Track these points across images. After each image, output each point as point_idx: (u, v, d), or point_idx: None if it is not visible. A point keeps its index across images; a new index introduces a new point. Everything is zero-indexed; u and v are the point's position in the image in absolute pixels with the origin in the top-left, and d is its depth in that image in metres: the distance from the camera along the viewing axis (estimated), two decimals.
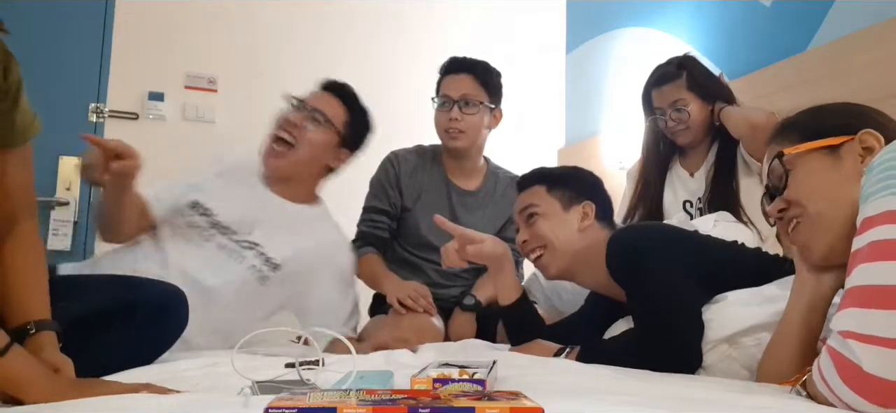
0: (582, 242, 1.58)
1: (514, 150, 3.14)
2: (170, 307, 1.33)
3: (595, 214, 1.61)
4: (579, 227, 1.59)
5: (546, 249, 1.60)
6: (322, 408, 0.66)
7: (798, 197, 1.04)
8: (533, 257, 1.64)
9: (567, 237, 1.58)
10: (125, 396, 0.89)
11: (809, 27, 2.20)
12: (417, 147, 2.39)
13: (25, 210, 1.13)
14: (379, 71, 3.26)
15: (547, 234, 1.59)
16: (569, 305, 2.31)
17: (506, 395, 0.72)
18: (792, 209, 1.06)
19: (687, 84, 2.07)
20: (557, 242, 1.58)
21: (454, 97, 2.23)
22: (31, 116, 1.11)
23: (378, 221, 2.28)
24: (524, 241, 1.64)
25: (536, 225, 1.61)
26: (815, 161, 1.04)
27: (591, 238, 1.58)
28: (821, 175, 1.03)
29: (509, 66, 2.44)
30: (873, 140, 1.00)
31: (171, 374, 1.12)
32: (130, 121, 2.97)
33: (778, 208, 1.08)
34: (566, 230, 1.59)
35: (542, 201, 1.62)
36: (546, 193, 1.63)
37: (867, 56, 1.93)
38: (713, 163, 2.09)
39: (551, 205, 1.61)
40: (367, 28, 3.27)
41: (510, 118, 2.42)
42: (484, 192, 2.34)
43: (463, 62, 2.28)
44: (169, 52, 3.00)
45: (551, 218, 1.60)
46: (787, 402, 0.92)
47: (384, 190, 2.30)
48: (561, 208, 1.61)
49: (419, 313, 2.03)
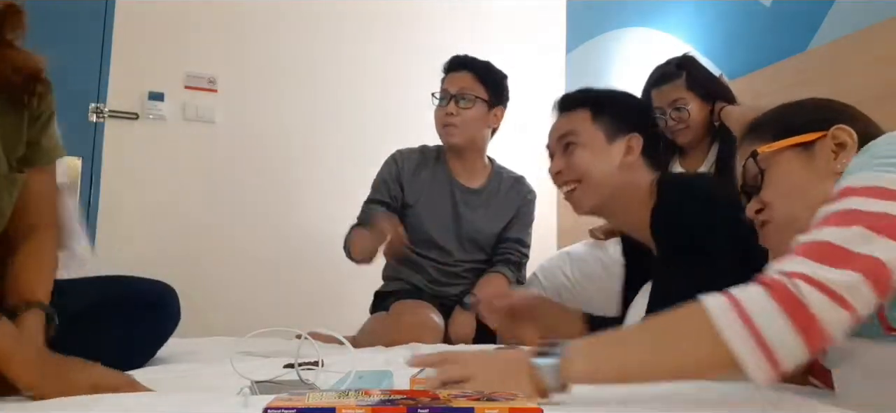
0: (621, 179, 1.43)
1: (514, 150, 3.14)
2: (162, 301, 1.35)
3: (641, 149, 1.45)
4: (621, 163, 1.43)
5: (581, 183, 1.45)
6: (321, 408, 0.66)
7: (772, 199, 1.02)
8: (564, 190, 1.50)
9: (606, 172, 1.43)
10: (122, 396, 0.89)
11: (809, 27, 2.20)
12: (422, 147, 2.40)
13: (45, 221, 1.22)
14: (378, 71, 3.26)
15: (585, 166, 1.44)
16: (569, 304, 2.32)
17: (505, 396, 0.72)
18: (764, 211, 1.03)
19: (687, 84, 2.08)
20: (594, 178, 1.43)
21: (451, 92, 2.25)
22: (58, 142, 1.24)
23: (374, 210, 2.25)
24: (558, 171, 1.49)
25: (574, 155, 1.45)
26: (789, 161, 1.01)
27: (633, 176, 1.43)
28: (794, 175, 1.00)
29: (509, 66, 2.44)
30: (845, 135, 0.97)
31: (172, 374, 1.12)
32: (130, 121, 2.97)
33: (755, 209, 1.04)
34: (606, 164, 1.43)
35: (584, 129, 1.46)
36: (590, 121, 1.46)
37: (867, 56, 1.93)
38: (713, 162, 2.09)
39: (594, 135, 1.45)
40: (367, 28, 3.27)
41: (510, 118, 2.42)
42: (487, 191, 2.34)
43: (463, 60, 2.31)
44: (169, 52, 3.00)
45: (592, 149, 1.44)
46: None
47: (386, 184, 2.29)
48: (604, 139, 1.44)
49: (419, 312, 2.02)
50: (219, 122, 3.04)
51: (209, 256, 2.95)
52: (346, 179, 3.00)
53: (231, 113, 3.05)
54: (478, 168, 2.35)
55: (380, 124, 3.20)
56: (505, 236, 2.33)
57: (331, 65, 3.20)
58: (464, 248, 2.29)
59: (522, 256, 2.33)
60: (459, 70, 2.29)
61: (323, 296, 3.02)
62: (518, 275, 2.31)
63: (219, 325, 2.54)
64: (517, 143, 3.25)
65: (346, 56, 3.22)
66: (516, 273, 2.30)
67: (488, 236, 2.32)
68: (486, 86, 2.27)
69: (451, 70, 2.31)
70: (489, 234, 2.31)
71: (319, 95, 3.17)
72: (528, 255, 2.36)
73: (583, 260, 2.35)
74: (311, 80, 3.17)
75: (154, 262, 2.80)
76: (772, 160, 1.02)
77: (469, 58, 2.31)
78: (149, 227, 2.88)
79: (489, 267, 2.30)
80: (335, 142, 3.17)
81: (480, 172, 2.36)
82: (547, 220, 3.42)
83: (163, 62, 2.97)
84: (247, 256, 3.01)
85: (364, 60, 3.24)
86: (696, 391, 1.04)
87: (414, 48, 3.29)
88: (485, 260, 2.32)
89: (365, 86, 3.24)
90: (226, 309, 2.88)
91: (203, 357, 1.39)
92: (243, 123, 3.07)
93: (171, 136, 2.92)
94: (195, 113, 3.01)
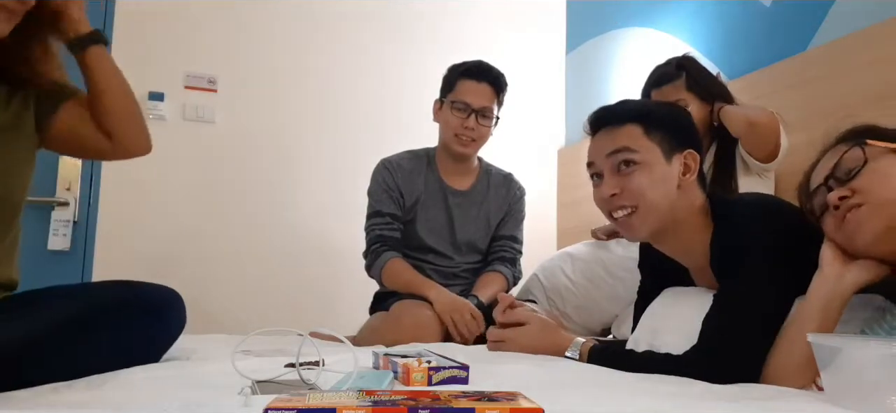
0: (679, 202, 1.30)
1: (514, 150, 3.14)
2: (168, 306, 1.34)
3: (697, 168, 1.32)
4: (680, 183, 1.30)
5: (638, 209, 1.30)
6: (321, 408, 0.66)
7: (869, 186, 1.07)
8: (620, 214, 1.33)
9: (665, 194, 1.29)
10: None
11: (809, 27, 2.20)
12: (408, 153, 2.38)
13: None
14: (378, 71, 3.26)
15: (645, 190, 1.28)
16: (570, 306, 2.32)
17: (506, 396, 0.73)
18: (854, 197, 1.07)
19: (686, 84, 2.08)
20: (654, 201, 1.29)
21: (474, 106, 2.21)
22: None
23: (391, 224, 2.26)
24: (613, 194, 1.31)
25: (633, 177, 1.29)
26: (893, 161, 1.08)
27: (690, 198, 1.32)
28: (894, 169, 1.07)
29: (510, 66, 2.44)
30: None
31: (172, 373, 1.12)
32: None
33: (840, 195, 1.08)
34: (666, 186, 1.29)
35: (640, 146, 1.30)
36: (643, 136, 1.30)
37: (867, 56, 1.93)
38: (712, 162, 2.09)
39: (651, 151, 1.30)
40: (367, 28, 3.27)
41: (510, 118, 2.43)
42: (477, 191, 2.36)
43: (488, 71, 2.25)
44: (169, 52, 3.00)
45: (652, 169, 1.29)
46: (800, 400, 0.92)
47: (389, 194, 2.27)
48: (662, 156, 1.30)
49: (418, 312, 2.02)
50: (219, 122, 3.04)
51: (209, 256, 2.95)
52: (346, 179, 3.01)
53: (231, 113, 3.05)
54: (469, 170, 2.37)
55: (379, 124, 3.20)
56: (498, 234, 2.36)
57: (330, 65, 3.20)
58: (460, 251, 2.31)
59: (516, 253, 2.36)
60: (482, 81, 2.23)
61: (323, 296, 3.02)
62: (514, 271, 2.33)
63: (219, 325, 2.54)
64: (516, 143, 3.26)
65: (345, 56, 3.22)
66: (512, 269, 2.33)
67: (483, 237, 2.34)
68: (500, 103, 2.27)
69: (473, 77, 2.24)
70: (484, 235, 2.34)
71: (319, 95, 3.17)
72: (521, 252, 2.39)
73: (584, 260, 2.35)
74: (311, 81, 3.17)
75: (154, 262, 2.81)
76: (878, 154, 1.09)
77: (493, 70, 2.26)
78: (149, 226, 2.88)
79: (485, 266, 2.31)
80: (335, 142, 3.17)
81: (470, 174, 2.37)
82: (547, 221, 3.43)
83: (163, 62, 2.97)
84: (247, 256, 3.01)
85: (364, 61, 3.24)
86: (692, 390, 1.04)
87: (413, 48, 3.29)
88: (481, 259, 2.34)
89: (364, 86, 3.24)
90: (226, 308, 2.88)
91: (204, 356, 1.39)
92: (243, 123, 3.07)
93: (171, 136, 2.92)
94: (195, 113, 3.01)
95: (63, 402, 0.90)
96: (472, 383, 1.08)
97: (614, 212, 1.34)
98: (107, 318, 1.22)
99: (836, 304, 1.10)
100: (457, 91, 2.25)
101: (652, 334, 1.40)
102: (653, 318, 1.45)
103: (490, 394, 0.74)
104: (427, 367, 1.07)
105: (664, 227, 1.32)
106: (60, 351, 1.11)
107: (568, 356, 1.43)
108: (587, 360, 1.38)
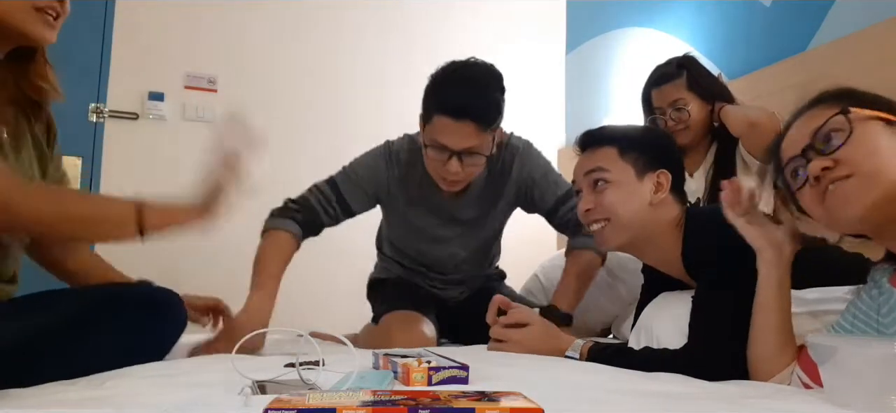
0: (651, 216, 1.42)
1: None
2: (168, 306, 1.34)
3: (670, 185, 1.44)
4: (651, 200, 1.42)
5: (610, 222, 1.43)
6: (322, 408, 0.66)
7: (856, 156, 1.01)
8: (594, 227, 1.47)
9: (636, 210, 1.41)
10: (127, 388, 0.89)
11: (809, 27, 2.20)
12: (411, 141, 2.08)
13: None
14: (378, 71, 3.26)
15: (616, 206, 1.41)
16: None
17: (506, 396, 0.73)
18: (838, 168, 1.01)
19: (687, 84, 2.08)
20: (625, 216, 1.41)
21: (454, 149, 1.78)
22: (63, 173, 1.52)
23: (332, 210, 2.01)
24: (588, 209, 1.45)
25: (605, 194, 1.42)
26: (878, 129, 1.02)
27: (662, 212, 1.43)
28: (881, 139, 1.01)
29: (509, 67, 2.43)
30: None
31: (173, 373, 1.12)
32: (130, 121, 2.97)
33: (823, 166, 1.02)
34: (637, 202, 1.41)
35: (613, 166, 1.43)
36: (618, 157, 1.44)
37: (867, 56, 1.93)
38: (712, 162, 2.09)
39: (624, 171, 1.43)
40: (366, 27, 3.27)
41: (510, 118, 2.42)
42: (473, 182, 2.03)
43: (472, 107, 1.76)
44: (169, 52, 3.00)
45: (623, 187, 1.42)
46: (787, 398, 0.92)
47: (364, 191, 2.02)
48: (634, 175, 1.43)
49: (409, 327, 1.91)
50: (219, 122, 3.04)
51: (209, 256, 2.95)
52: None
53: None
54: None
55: (380, 125, 3.19)
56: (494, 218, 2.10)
57: (330, 65, 3.20)
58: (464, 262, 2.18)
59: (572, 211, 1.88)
60: (461, 119, 1.75)
61: (323, 295, 3.02)
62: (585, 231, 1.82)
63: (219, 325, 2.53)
64: None
65: (345, 56, 3.22)
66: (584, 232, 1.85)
67: (488, 239, 2.19)
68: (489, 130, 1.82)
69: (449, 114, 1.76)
70: (489, 237, 2.19)
71: (319, 95, 3.17)
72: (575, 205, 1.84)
73: None
74: (311, 80, 3.17)
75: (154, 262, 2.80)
76: (861, 124, 1.02)
77: (471, 104, 1.76)
78: None
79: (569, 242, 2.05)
80: (335, 142, 3.16)
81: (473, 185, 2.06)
82: None
83: (163, 62, 2.98)
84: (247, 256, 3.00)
85: (363, 60, 3.24)
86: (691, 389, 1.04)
87: (413, 48, 3.29)
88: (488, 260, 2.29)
89: (364, 85, 3.24)
90: None
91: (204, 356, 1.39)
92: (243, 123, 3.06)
93: (171, 136, 2.92)
94: (195, 113, 3.01)
95: (64, 401, 0.90)
96: (472, 383, 1.08)
97: (590, 224, 1.48)
98: (107, 319, 1.22)
99: (787, 279, 1.15)
100: (434, 128, 1.79)
101: (647, 334, 1.47)
102: (647, 318, 1.51)
103: (490, 394, 0.74)
104: (427, 368, 1.07)
105: (636, 240, 1.45)
106: (61, 351, 1.12)
107: (568, 356, 1.45)
108: (587, 358, 1.43)
